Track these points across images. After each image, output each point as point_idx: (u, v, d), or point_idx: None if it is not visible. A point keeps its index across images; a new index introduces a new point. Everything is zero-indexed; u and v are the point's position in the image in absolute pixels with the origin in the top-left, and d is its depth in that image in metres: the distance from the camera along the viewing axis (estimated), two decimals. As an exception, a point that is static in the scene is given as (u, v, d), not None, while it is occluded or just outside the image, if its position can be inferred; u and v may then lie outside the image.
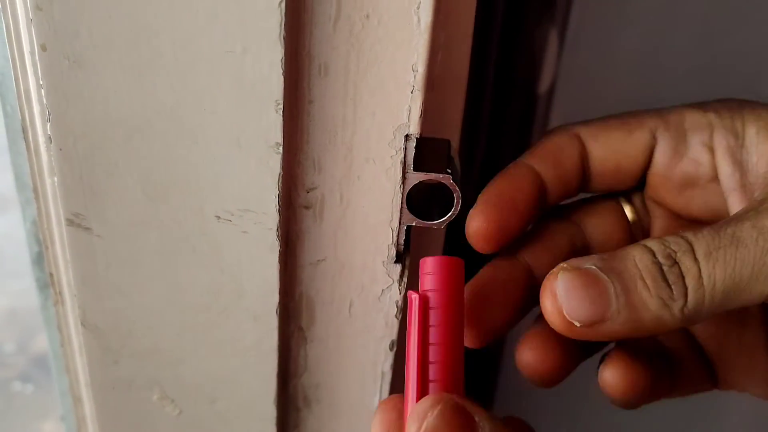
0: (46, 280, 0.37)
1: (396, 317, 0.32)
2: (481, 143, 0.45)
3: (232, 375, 0.33)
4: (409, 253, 0.31)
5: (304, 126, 0.28)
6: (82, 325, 0.32)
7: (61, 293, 0.34)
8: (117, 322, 0.32)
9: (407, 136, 0.28)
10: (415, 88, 0.27)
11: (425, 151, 0.29)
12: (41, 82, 0.27)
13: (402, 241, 0.31)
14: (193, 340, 0.32)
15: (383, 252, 0.31)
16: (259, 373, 0.33)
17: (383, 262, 0.31)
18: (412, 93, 0.27)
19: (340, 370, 0.34)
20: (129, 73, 0.26)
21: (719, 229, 0.25)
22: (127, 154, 0.28)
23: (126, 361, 0.33)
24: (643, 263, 0.25)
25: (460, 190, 0.29)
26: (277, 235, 0.29)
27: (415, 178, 0.29)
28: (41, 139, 0.30)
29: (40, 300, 0.41)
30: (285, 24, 0.25)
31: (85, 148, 0.28)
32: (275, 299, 0.31)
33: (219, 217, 0.29)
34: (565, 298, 0.25)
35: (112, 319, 0.32)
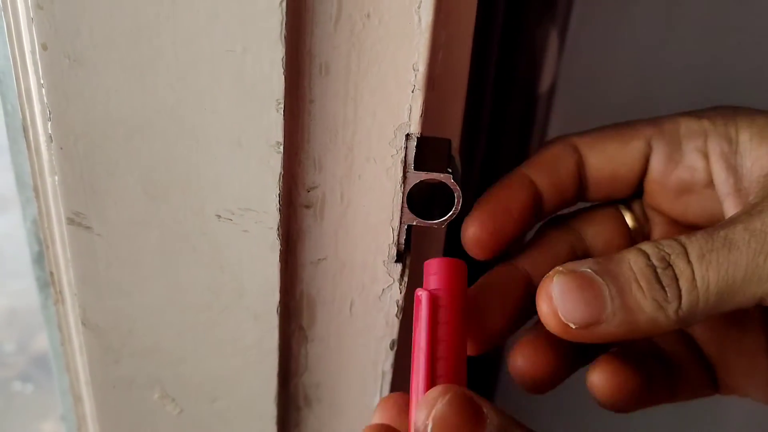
0: (47, 279, 0.37)
1: (397, 316, 0.32)
2: (482, 143, 0.45)
3: (233, 374, 0.33)
4: (409, 253, 0.31)
5: (304, 125, 0.28)
6: (83, 324, 0.32)
7: (61, 292, 0.34)
8: (117, 321, 0.32)
9: (408, 136, 0.28)
10: (416, 87, 0.27)
11: (426, 150, 0.29)
12: (42, 81, 0.27)
13: (403, 241, 0.31)
14: (194, 339, 0.32)
15: (384, 251, 0.31)
16: (259, 372, 0.33)
17: (384, 262, 0.31)
18: (412, 92, 0.27)
19: (341, 370, 0.34)
20: (130, 72, 0.26)
21: (712, 233, 0.26)
22: (128, 153, 0.28)
23: (126, 360, 0.33)
24: (637, 266, 0.26)
25: (460, 189, 0.29)
26: (278, 234, 0.29)
27: (415, 177, 0.29)
28: (42, 138, 0.30)
29: (40, 299, 0.41)
30: (286, 23, 0.25)
31: (85, 147, 0.28)
32: (276, 298, 0.31)
33: (220, 216, 0.29)
34: (560, 300, 0.26)
35: (113, 318, 0.32)
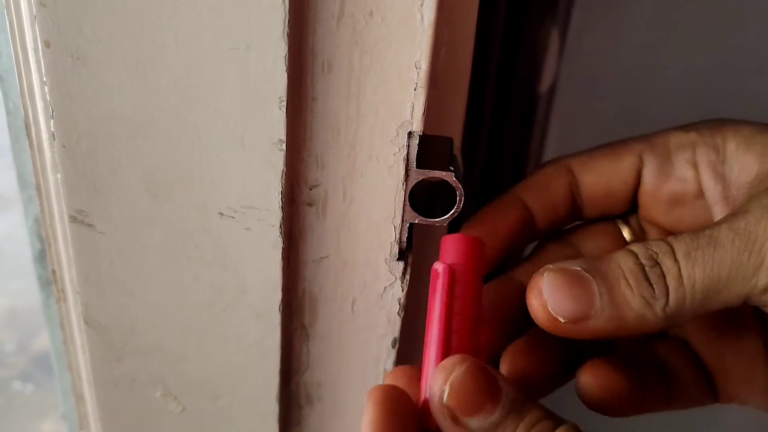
0: (48, 277, 0.37)
1: (398, 315, 0.32)
2: (483, 141, 0.45)
3: (235, 372, 0.33)
4: (411, 251, 0.31)
5: (307, 123, 0.28)
6: (85, 322, 0.32)
7: (63, 290, 0.34)
8: (120, 319, 0.32)
9: (410, 134, 0.28)
10: (418, 85, 0.27)
11: (428, 148, 0.29)
12: (45, 79, 0.27)
13: (404, 239, 0.31)
14: (196, 337, 0.32)
15: (386, 249, 0.31)
16: (261, 370, 0.33)
17: (386, 260, 0.31)
18: (415, 90, 0.27)
19: (342, 368, 0.34)
20: (132, 70, 0.26)
21: (698, 232, 0.26)
22: (131, 151, 0.28)
23: (129, 358, 0.33)
24: (626, 264, 0.26)
25: (462, 187, 0.29)
26: (280, 232, 0.29)
27: (417, 175, 0.29)
28: (44, 135, 0.30)
29: (41, 298, 0.41)
30: (289, 21, 0.25)
31: (88, 144, 0.28)
32: (278, 296, 0.31)
33: (222, 213, 0.29)
34: (550, 295, 0.26)
35: (115, 315, 0.32)
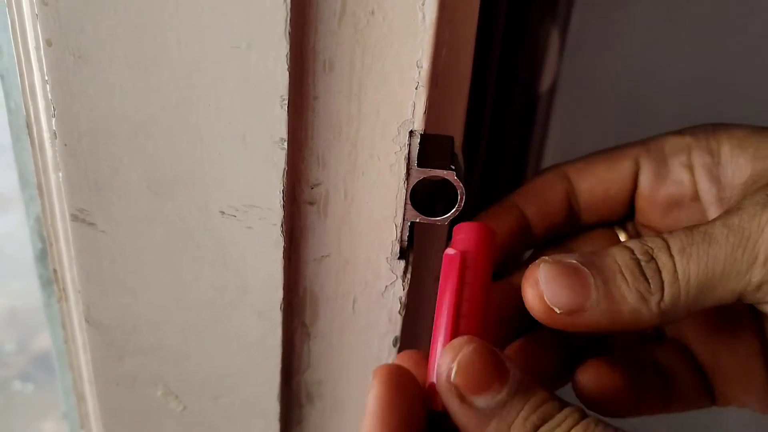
0: (50, 277, 0.37)
1: (399, 313, 0.32)
2: (483, 141, 0.45)
3: (236, 371, 0.33)
4: (412, 250, 0.31)
5: (308, 122, 0.28)
6: (86, 321, 0.32)
7: (65, 289, 0.34)
8: (121, 318, 0.32)
9: (411, 133, 0.28)
10: (420, 84, 0.27)
11: (429, 147, 0.29)
12: (46, 78, 0.27)
13: (406, 238, 0.31)
14: (198, 336, 0.32)
15: (387, 248, 0.31)
16: (262, 369, 0.33)
17: (387, 259, 0.31)
18: (416, 89, 0.27)
19: (343, 367, 0.34)
20: (134, 69, 0.26)
21: (693, 229, 0.26)
22: (132, 150, 0.28)
23: (130, 357, 0.33)
24: (622, 259, 0.26)
25: (464, 186, 0.29)
26: (282, 231, 0.29)
27: (419, 174, 0.29)
28: (46, 134, 0.30)
29: (43, 297, 0.41)
30: (290, 20, 0.25)
31: (90, 143, 0.28)
32: (279, 295, 0.31)
33: (223, 212, 0.29)
34: (546, 285, 0.26)
35: (117, 315, 0.32)
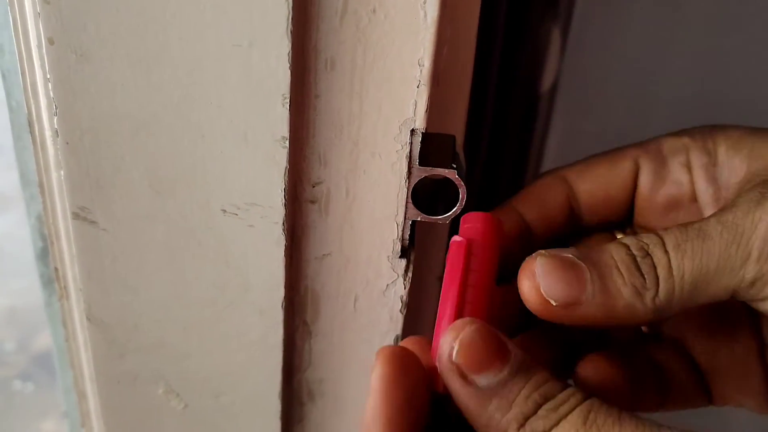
0: (51, 275, 0.37)
1: (401, 312, 0.32)
2: (484, 140, 0.45)
3: (238, 369, 0.33)
4: (413, 249, 0.31)
5: (310, 120, 0.28)
6: (88, 319, 0.32)
7: (66, 288, 0.34)
8: (123, 316, 0.32)
9: (413, 131, 0.28)
10: (421, 82, 0.27)
11: (430, 146, 0.29)
12: (48, 76, 0.27)
13: (407, 236, 0.31)
14: (199, 334, 0.32)
15: (388, 247, 0.31)
16: (264, 367, 0.33)
17: (388, 257, 0.31)
18: (418, 87, 0.27)
19: (344, 365, 0.34)
20: (136, 67, 0.27)
21: (688, 225, 0.27)
22: (134, 148, 0.28)
23: (131, 356, 0.33)
24: (618, 255, 0.27)
25: (465, 185, 0.29)
26: (283, 229, 0.29)
27: (420, 172, 0.29)
28: (48, 132, 0.30)
29: (44, 296, 0.41)
30: (292, 18, 0.25)
31: (91, 141, 0.28)
32: (281, 293, 0.31)
33: (225, 210, 0.29)
34: (542, 277, 0.26)
35: (118, 313, 0.32)
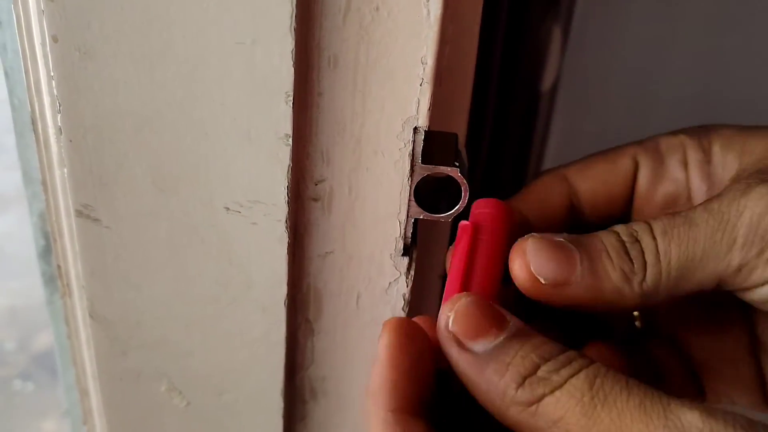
0: (53, 273, 0.37)
1: (403, 310, 0.32)
2: (486, 138, 0.45)
3: (240, 367, 0.33)
4: (416, 246, 0.32)
5: (313, 118, 0.28)
6: (90, 316, 0.32)
7: (68, 285, 0.34)
8: (125, 314, 0.32)
9: (416, 129, 0.28)
10: (424, 80, 0.27)
11: (433, 144, 0.29)
12: (52, 74, 0.27)
13: (409, 234, 0.31)
14: (202, 332, 0.32)
15: (391, 245, 0.31)
16: (266, 365, 0.33)
17: (391, 255, 0.31)
18: (421, 86, 0.27)
19: (347, 363, 0.34)
20: (139, 65, 0.27)
21: (676, 213, 0.27)
22: (137, 146, 0.28)
23: (134, 353, 0.33)
24: (608, 240, 0.27)
25: (467, 183, 0.29)
26: (286, 227, 0.29)
27: (423, 170, 0.29)
28: (51, 130, 0.30)
29: (45, 294, 0.41)
30: (296, 16, 0.25)
31: (95, 139, 0.28)
32: (283, 291, 0.31)
33: (228, 208, 0.29)
34: (533, 256, 0.27)
35: (121, 310, 0.32)
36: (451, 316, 0.25)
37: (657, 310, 0.33)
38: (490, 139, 0.46)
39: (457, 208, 0.30)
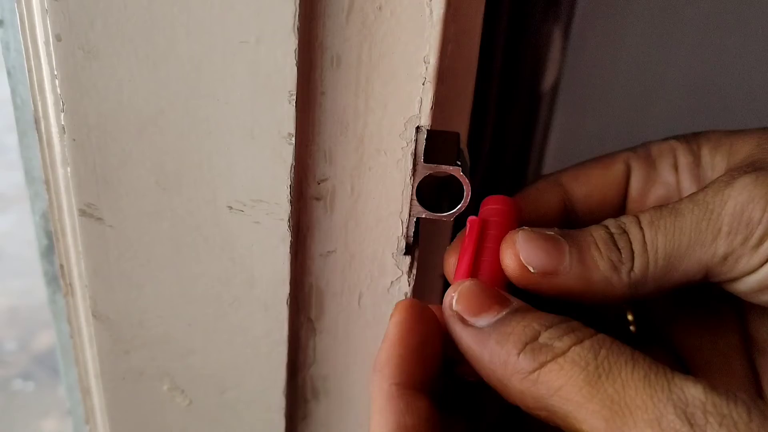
0: (55, 273, 0.37)
1: (405, 309, 0.32)
2: (486, 138, 0.45)
3: (242, 366, 0.33)
4: (418, 246, 0.32)
5: (315, 117, 0.28)
6: (93, 315, 0.32)
7: (71, 284, 0.35)
8: (128, 313, 0.32)
9: (418, 128, 0.28)
10: (427, 80, 0.27)
11: (435, 143, 0.29)
12: (56, 73, 0.27)
13: (411, 233, 0.31)
14: (204, 331, 0.32)
15: (393, 244, 0.31)
16: (268, 364, 0.33)
17: (393, 254, 0.31)
18: (423, 85, 0.27)
19: (349, 362, 0.34)
20: (143, 64, 0.27)
21: (662, 206, 0.28)
22: (141, 145, 0.28)
23: (136, 352, 0.33)
24: (597, 232, 0.28)
25: (470, 182, 0.29)
26: (289, 226, 0.29)
27: (425, 169, 0.29)
28: (54, 129, 0.30)
29: (47, 293, 0.41)
30: (299, 15, 0.25)
31: (98, 138, 0.28)
32: (286, 290, 0.31)
33: (231, 207, 0.29)
34: (523, 246, 0.27)
35: (123, 309, 0.32)
36: (455, 296, 0.26)
37: (651, 314, 0.34)
38: (491, 138, 0.46)
39: (459, 207, 0.30)
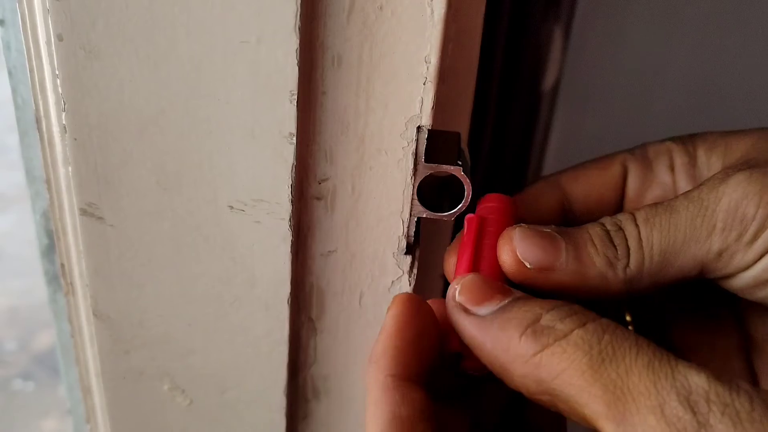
0: (56, 272, 0.37)
1: (405, 308, 0.32)
2: (487, 138, 0.45)
3: (243, 365, 0.33)
4: (419, 245, 0.32)
5: (316, 117, 0.28)
6: (94, 315, 0.32)
7: (72, 284, 0.35)
8: (129, 312, 0.32)
9: (419, 128, 0.28)
10: (428, 79, 0.27)
11: (436, 143, 0.29)
12: (57, 72, 0.27)
13: (412, 233, 0.31)
14: (205, 330, 0.32)
15: (393, 243, 0.31)
16: (269, 363, 0.33)
17: (393, 254, 0.31)
18: (424, 84, 0.27)
19: (350, 362, 0.34)
20: (144, 64, 0.27)
21: (658, 203, 0.28)
22: (142, 144, 0.28)
23: (137, 352, 0.33)
24: (593, 230, 0.28)
25: (470, 182, 0.29)
26: (290, 226, 0.29)
27: (426, 169, 0.29)
28: (56, 129, 0.30)
29: (48, 293, 0.41)
30: (300, 15, 0.25)
31: (99, 137, 0.28)
32: (286, 289, 0.31)
33: (232, 207, 0.29)
34: (520, 242, 0.28)
35: (124, 308, 0.32)
36: (458, 287, 0.26)
37: (649, 315, 0.34)
38: (492, 138, 0.46)
39: (459, 206, 0.30)
